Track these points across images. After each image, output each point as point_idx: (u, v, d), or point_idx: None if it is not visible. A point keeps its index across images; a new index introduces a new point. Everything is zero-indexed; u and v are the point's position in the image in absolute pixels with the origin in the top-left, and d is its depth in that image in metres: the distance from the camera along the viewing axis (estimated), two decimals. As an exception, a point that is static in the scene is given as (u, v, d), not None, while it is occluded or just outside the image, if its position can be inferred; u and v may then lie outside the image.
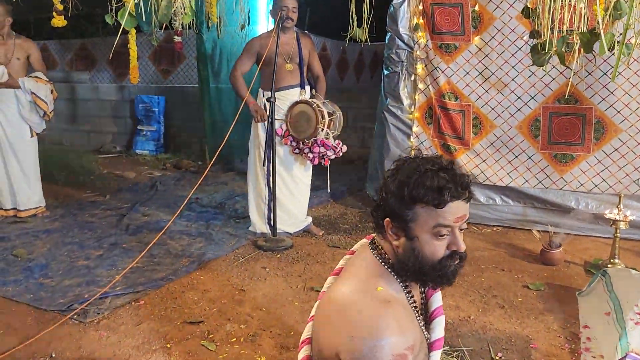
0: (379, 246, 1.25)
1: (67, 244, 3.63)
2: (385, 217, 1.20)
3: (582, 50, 2.01)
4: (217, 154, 3.27)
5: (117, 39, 2.63)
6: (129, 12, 1.87)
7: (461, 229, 1.20)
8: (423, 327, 1.26)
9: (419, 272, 1.19)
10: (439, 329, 1.30)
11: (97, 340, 2.37)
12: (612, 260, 3.12)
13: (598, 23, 1.95)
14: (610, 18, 1.77)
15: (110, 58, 7.81)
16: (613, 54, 2.45)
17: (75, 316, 2.55)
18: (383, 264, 1.22)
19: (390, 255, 1.23)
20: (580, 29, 1.99)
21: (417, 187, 1.14)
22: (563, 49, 2.25)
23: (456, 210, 1.16)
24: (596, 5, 1.93)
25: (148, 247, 3.05)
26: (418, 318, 1.24)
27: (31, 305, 2.71)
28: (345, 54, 9.16)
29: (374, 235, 1.30)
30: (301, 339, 1.35)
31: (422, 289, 1.35)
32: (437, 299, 1.34)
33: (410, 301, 1.23)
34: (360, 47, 8.48)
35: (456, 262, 1.20)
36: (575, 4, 1.96)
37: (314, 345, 1.26)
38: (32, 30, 8.62)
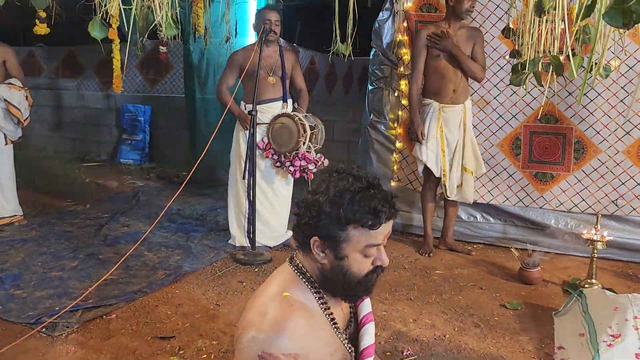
0: (297, 262, 1.25)
1: (42, 254, 3.57)
2: (312, 235, 1.18)
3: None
4: (196, 165, 3.24)
5: (104, 47, 2.61)
6: (101, 22, 1.84)
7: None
8: (345, 340, 1.25)
9: (346, 289, 1.20)
10: (367, 337, 1.30)
11: (64, 354, 2.31)
12: (589, 280, 3.12)
13: (574, 45, 1.97)
14: (579, 42, 1.79)
15: (97, 66, 7.77)
16: (592, 76, 2.48)
17: (44, 329, 2.49)
18: (299, 275, 1.23)
19: (310, 270, 1.24)
20: (556, 51, 2.01)
21: (353, 209, 1.12)
22: (540, 70, 2.27)
23: (386, 229, 1.18)
24: (572, 27, 1.95)
25: (122, 258, 3.00)
26: (337, 330, 1.24)
27: (-1, 317, 2.65)
28: (334, 67, 9.17)
29: (294, 253, 1.31)
30: None
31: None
32: (365, 306, 1.35)
33: (326, 313, 1.23)
34: (350, 62, 8.54)
35: (377, 275, 1.22)
36: (554, 26, 1.98)
37: None
38: (22, 36, 8.57)
